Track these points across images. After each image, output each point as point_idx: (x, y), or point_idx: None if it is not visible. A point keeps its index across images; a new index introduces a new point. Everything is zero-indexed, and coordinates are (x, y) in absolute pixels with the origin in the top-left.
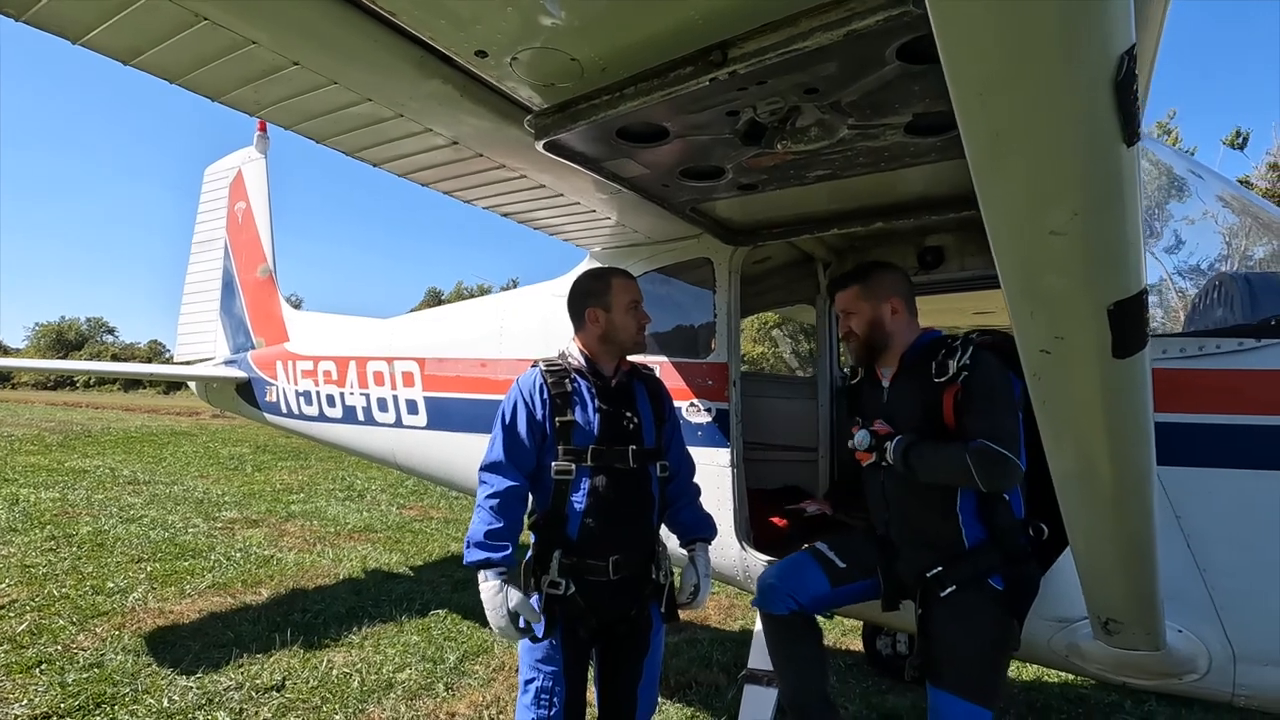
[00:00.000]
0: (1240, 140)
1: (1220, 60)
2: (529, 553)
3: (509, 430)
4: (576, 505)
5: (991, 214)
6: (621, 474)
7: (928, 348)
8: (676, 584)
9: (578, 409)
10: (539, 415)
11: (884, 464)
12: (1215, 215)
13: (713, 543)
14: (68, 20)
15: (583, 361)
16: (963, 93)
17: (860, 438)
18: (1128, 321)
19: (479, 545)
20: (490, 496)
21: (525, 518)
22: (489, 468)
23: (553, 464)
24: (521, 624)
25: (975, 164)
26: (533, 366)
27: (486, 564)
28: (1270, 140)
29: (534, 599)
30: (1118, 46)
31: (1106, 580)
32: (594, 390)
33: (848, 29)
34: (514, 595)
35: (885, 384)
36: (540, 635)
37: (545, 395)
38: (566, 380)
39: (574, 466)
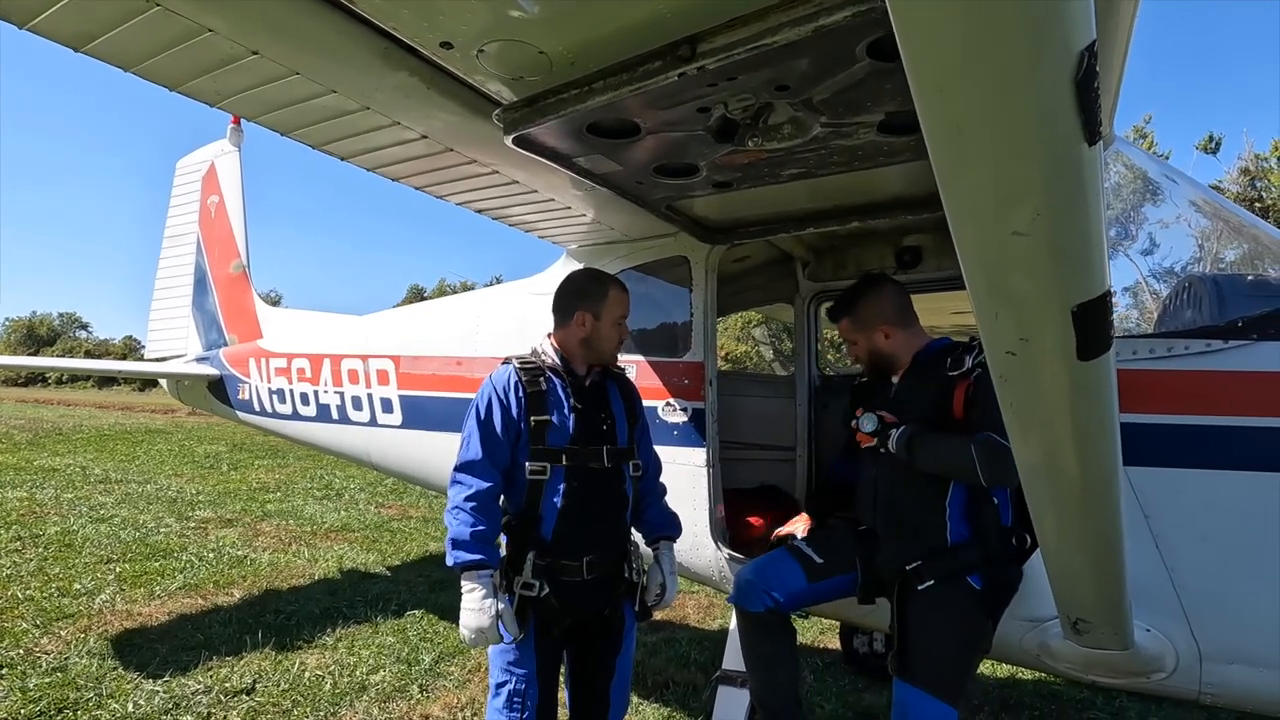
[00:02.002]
0: (1213, 145)
1: (1194, 63)
2: (500, 554)
3: (485, 428)
4: (551, 506)
5: (955, 214)
6: (596, 474)
7: (940, 352)
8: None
9: (553, 408)
10: (514, 413)
11: (882, 450)
12: (1186, 219)
13: (689, 543)
14: (13, 4)
15: (558, 360)
16: (922, 86)
17: (866, 420)
18: (1092, 323)
19: (465, 547)
20: (470, 498)
21: None
22: (466, 467)
23: (527, 464)
24: (502, 630)
25: (937, 162)
26: (504, 363)
27: (478, 566)
28: (1242, 144)
29: (506, 601)
30: (1078, 42)
31: (1075, 580)
32: (568, 389)
33: (816, 24)
34: (501, 602)
35: (895, 380)
36: (515, 639)
37: (521, 393)
38: (541, 378)
39: (548, 467)
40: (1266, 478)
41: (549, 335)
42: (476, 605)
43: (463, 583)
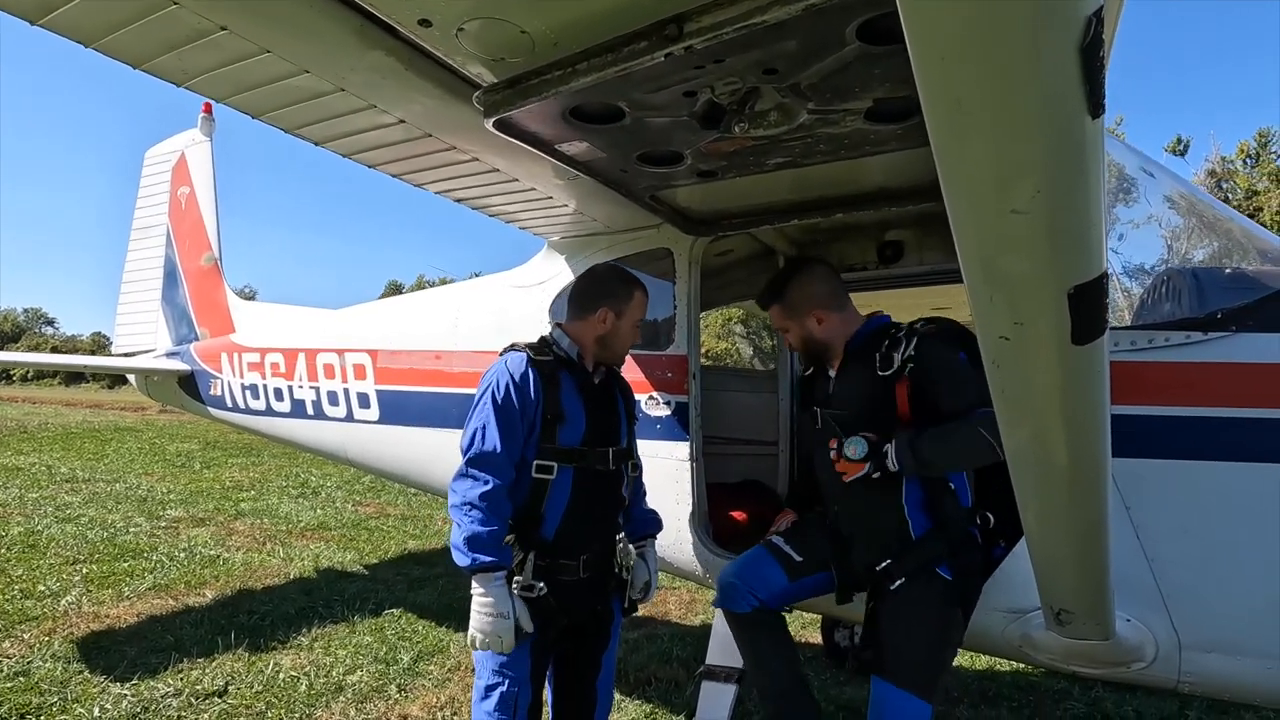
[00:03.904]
0: (1181, 147)
1: (1162, 63)
2: (511, 554)
3: (503, 417)
4: (556, 506)
5: (952, 192)
6: (600, 475)
7: (871, 337)
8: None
9: (566, 405)
10: (531, 406)
11: (877, 476)
12: (1166, 214)
13: (672, 538)
14: None
15: (573, 355)
16: (923, 57)
17: (853, 445)
18: (1087, 307)
19: (481, 548)
20: (485, 495)
21: None
22: (480, 460)
23: (535, 462)
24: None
25: (936, 137)
26: (513, 350)
27: (493, 568)
28: (1209, 147)
29: (520, 603)
30: (1085, 7)
31: (1060, 571)
32: (580, 386)
33: (807, 3)
34: (518, 603)
35: (831, 373)
36: (522, 640)
37: (538, 385)
38: (557, 373)
39: (556, 467)
40: (1245, 468)
41: (559, 326)
42: (493, 609)
43: (475, 585)
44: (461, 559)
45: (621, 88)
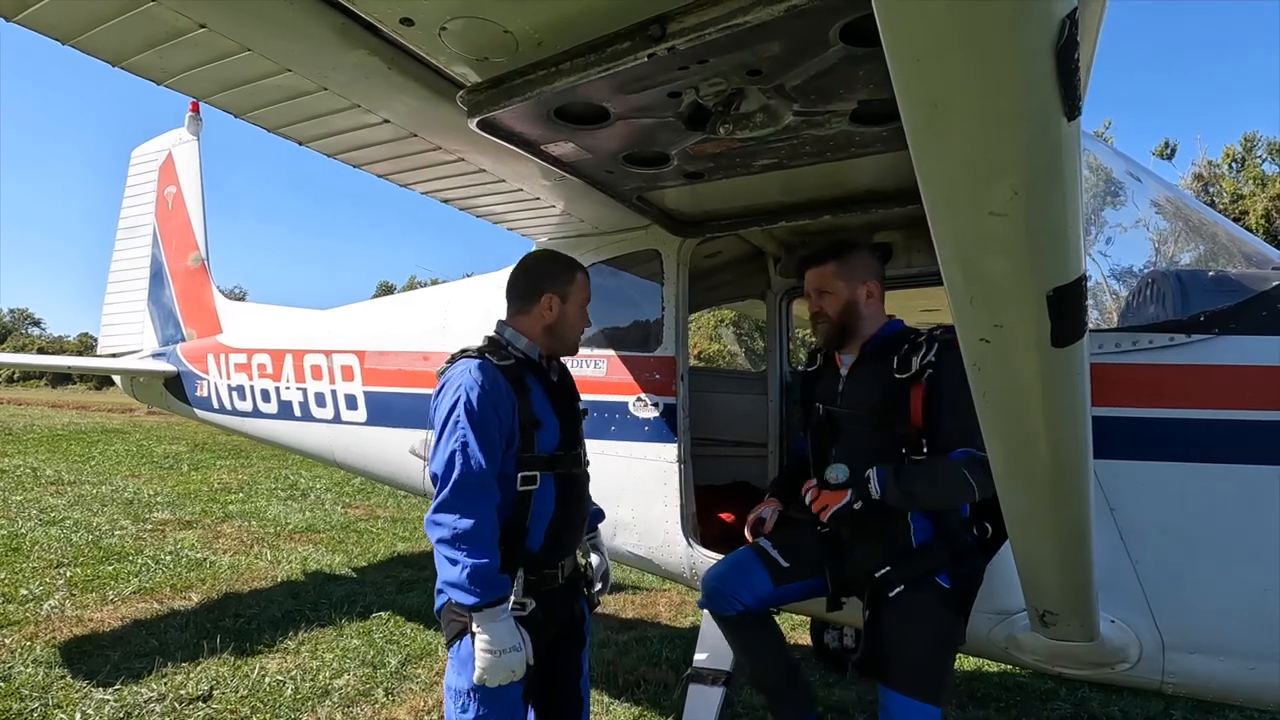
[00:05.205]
0: (1169, 151)
1: (1148, 64)
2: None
3: (480, 431)
4: (542, 517)
5: (930, 195)
6: (576, 478)
7: (891, 339)
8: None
9: (539, 410)
10: (507, 415)
11: (858, 506)
12: (1152, 218)
13: (660, 539)
14: None
15: (534, 355)
16: (899, 57)
17: (835, 470)
18: (1067, 309)
19: (486, 583)
20: (479, 524)
21: None
22: (468, 482)
23: (519, 474)
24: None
25: (913, 140)
26: (469, 357)
27: (502, 600)
28: (1196, 150)
29: (525, 632)
30: (1060, 8)
31: (1044, 572)
32: (545, 388)
33: (789, 4)
34: (525, 634)
35: (844, 371)
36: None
37: (510, 394)
38: (523, 377)
39: (538, 475)
40: (1227, 469)
41: (506, 324)
42: (503, 645)
43: (476, 625)
44: (467, 598)
45: (606, 88)
